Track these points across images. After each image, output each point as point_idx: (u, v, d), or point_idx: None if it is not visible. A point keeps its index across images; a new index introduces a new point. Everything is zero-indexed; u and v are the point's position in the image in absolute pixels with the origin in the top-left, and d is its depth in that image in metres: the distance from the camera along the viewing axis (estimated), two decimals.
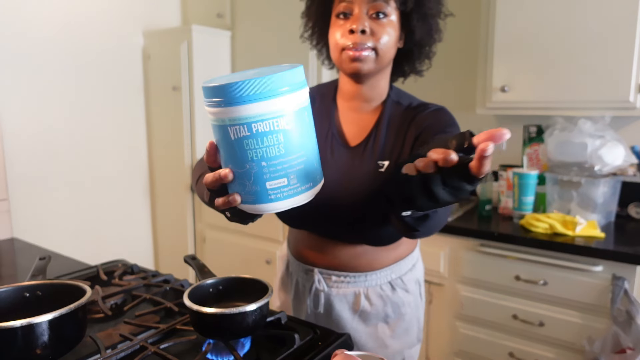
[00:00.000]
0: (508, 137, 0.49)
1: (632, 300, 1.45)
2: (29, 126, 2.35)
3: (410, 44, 0.92)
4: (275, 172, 0.56)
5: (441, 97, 2.40)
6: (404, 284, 1.00)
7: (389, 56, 0.89)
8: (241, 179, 0.58)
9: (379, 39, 0.85)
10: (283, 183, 0.57)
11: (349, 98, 0.96)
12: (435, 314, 1.93)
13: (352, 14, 0.85)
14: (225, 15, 2.78)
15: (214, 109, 0.56)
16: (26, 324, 0.64)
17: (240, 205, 0.61)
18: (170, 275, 1.14)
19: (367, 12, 0.85)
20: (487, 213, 1.94)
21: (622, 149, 1.71)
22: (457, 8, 2.31)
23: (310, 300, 1.01)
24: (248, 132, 0.54)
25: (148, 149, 2.92)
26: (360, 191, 0.88)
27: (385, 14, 0.85)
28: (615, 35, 1.67)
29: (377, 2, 0.84)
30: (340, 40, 0.86)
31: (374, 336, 0.99)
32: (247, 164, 0.56)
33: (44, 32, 2.36)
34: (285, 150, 0.56)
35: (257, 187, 0.57)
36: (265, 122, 0.54)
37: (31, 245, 1.60)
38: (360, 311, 0.99)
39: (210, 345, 0.77)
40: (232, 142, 0.56)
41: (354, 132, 0.95)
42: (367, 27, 0.84)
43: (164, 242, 2.97)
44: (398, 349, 1.00)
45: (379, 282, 0.98)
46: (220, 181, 0.60)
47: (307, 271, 1.01)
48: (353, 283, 0.97)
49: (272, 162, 0.56)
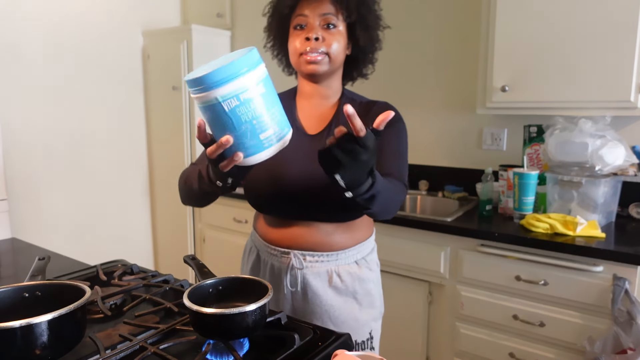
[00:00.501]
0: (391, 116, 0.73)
1: (633, 300, 1.45)
2: (28, 126, 2.34)
3: (356, 51, 1.11)
4: (264, 124, 0.74)
5: (441, 97, 2.40)
6: (367, 263, 1.16)
7: (339, 60, 1.07)
8: (240, 140, 0.73)
9: (330, 45, 1.03)
10: (271, 132, 0.75)
11: (308, 97, 1.13)
12: (435, 315, 1.92)
13: (307, 25, 1.03)
14: (225, 15, 2.78)
15: (204, 93, 0.70)
16: (25, 325, 0.64)
17: (243, 161, 0.76)
18: (170, 275, 1.13)
19: (319, 23, 1.03)
20: (487, 213, 1.94)
21: (622, 149, 1.71)
22: (458, 8, 2.32)
23: (287, 280, 1.11)
24: (237, 101, 0.70)
25: (148, 149, 2.92)
26: (320, 172, 0.96)
27: (335, 25, 1.03)
28: (615, 35, 1.67)
29: (327, 15, 1.02)
30: (298, 46, 1.04)
31: (346, 310, 1.12)
32: (243, 125, 0.72)
33: (44, 32, 2.36)
34: (265, 107, 0.73)
35: (254, 141, 0.74)
36: (249, 91, 0.70)
37: (30, 246, 1.59)
38: (333, 287, 1.12)
39: (210, 345, 0.77)
40: (227, 113, 0.71)
41: (314, 124, 1.12)
42: (320, 35, 1.02)
43: (164, 242, 2.97)
44: (366, 321, 1.15)
45: (347, 261, 1.12)
46: (222, 147, 0.74)
47: (283, 254, 1.11)
48: (326, 262, 1.11)
49: (260, 119, 0.73)
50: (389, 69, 2.56)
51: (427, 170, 2.49)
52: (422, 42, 2.44)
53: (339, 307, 1.12)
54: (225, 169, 0.79)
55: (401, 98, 2.54)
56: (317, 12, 1.02)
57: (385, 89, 2.59)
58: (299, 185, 1.05)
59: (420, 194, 2.41)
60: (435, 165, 2.47)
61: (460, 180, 2.37)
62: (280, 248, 1.12)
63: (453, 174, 2.40)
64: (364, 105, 1.13)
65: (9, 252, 1.54)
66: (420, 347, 1.97)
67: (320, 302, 1.11)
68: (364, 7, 1.06)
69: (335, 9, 1.03)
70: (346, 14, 1.04)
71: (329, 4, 1.02)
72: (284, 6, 1.06)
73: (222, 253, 2.64)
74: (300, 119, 1.12)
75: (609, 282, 1.52)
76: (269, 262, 1.16)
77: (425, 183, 2.45)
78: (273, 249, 1.14)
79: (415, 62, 2.47)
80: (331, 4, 1.02)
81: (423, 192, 2.43)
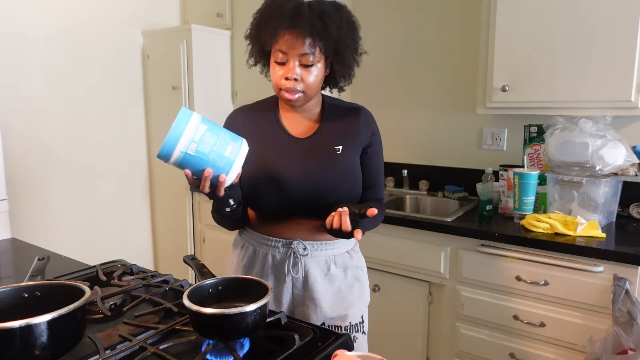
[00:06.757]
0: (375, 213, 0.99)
1: (634, 300, 1.45)
2: (28, 126, 2.34)
3: (333, 73, 1.16)
4: (222, 145, 0.93)
5: (441, 97, 2.40)
6: (356, 253, 1.28)
7: (316, 90, 1.13)
8: (215, 166, 0.93)
9: (307, 81, 1.08)
10: (230, 147, 0.94)
11: (292, 109, 1.20)
12: (435, 315, 1.92)
13: (286, 63, 1.08)
14: (224, 14, 2.77)
15: (173, 155, 0.90)
16: (25, 325, 0.63)
17: (227, 178, 0.94)
18: (170, 275, 1.13)
19: (298, 62, 1.07)
20: (487, 213, 1.94)
21: (623, 148, 1.70)
22: (458, 8, 2.31)
23: (290, 267, 1.18)
24: (195, 143, 0.91)
25: (147, 149, 2.91)
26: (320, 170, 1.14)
27: (312, 63, 1.07)
28: (616, 35, 1.67)
29: (305, 55, 1.06)
30: (278, 82, 1.10)
31: (341, 295, 1.21)
32: (210, 154, 0.92)
33: (44, 32, 2.36)
34: (215, 135, 0.93)
35: (224, 160, 0.93)
36: (196, 132, 0.90)
37: (30, 246, 1.59)
38: (330, 274, 1.20)
39: (209, 345, 0.77)
40: (194, 155, 0.91)
41: (301, 130, 1.19)
42: (298, 76, 1.07)
43: (164, 242, 2.97)
44: (358, 306, 1.24)
45: (341, 250, 1.23)
46: (207, 179, 0.93)
47: (284, 245, 1.18)
48: (324, 250, 1.20)
49: (217, 144, 0.93)
50: (389, 69, 2.56)
51: (427, 170, 2.49)
52: (423, 42, 2.44)
53: (336, 292, 1.21)
54: (220, 193, 0.97)
55: (401, 98, 2.54)
56: (295, 52, 1.06)
57: (385, 89, 2.59)
58: (292, 182, 1.13)
59: (421, 194, 2.40)
60: (435, 165, 2.47)
61: (460, 180, 2.37)
62: (282, 239, 1.19)
63: (453, 174, 2.40)
64: (347, 110, 1.22)
65: (9, 252, 1.54)
66: (420, 347, 1.97)
67: (319, 289, 1.19)
68: (341, 44, 1.10)
69: (312, 47, 1.06)
70: (324, 49, 1.08)
71: (308, 42, 1.05)
72: (264, 42, 1.10)
73: (222, 253, 2.64)
74: (285, 124, 1.20)
75: (610, 282, 1.51)
76: (269, 254, 1.21)
77: (425, 183, 2.45)
78: (274, 241, 1.20)
79: (415, 62, 2.47)
80: (310, 43, 1.05)
81: (423, 192, 2.43)
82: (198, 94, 2.64)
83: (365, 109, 1.25)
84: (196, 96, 2.63)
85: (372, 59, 2.60)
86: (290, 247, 1.18)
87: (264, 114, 1.23)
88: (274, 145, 1.17)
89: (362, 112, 1.23)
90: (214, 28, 2.74)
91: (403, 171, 2.50)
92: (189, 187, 2.73)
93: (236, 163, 0.95)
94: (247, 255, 1.24)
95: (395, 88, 2.56)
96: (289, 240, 1.18)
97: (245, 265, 1.25)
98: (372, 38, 2.58)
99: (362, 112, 1.23)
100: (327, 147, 1.16)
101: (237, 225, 1.25)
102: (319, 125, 1.19)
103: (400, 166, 2.54)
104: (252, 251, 1.24)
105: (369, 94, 2.64)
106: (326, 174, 1.14)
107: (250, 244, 1.24)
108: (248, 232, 1.26)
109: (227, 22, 2.77)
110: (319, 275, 1.19)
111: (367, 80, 2.64)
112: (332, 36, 1.06)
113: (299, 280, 1.19)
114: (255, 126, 1.19)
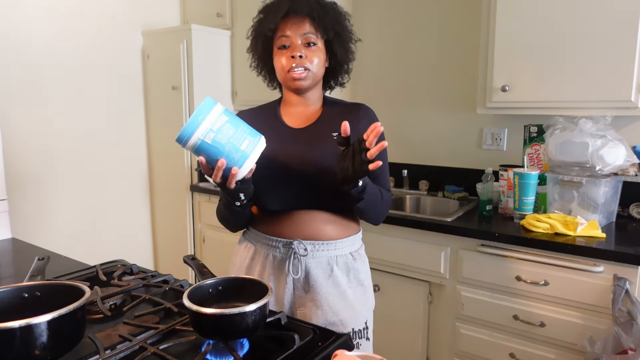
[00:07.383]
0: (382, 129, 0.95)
1: (634, 301, 1.45)
2: (28, 126, 2.34)
3: (334, 63, 1.25)
4: (239, 139, 0.95)
5: (441, 97, 2.40)
6: (360, 256, 1.27)
7: (320, 73, 1.21)
8: (229, 157, 0.95)
9: (312, 61, 1.17)
10: (247, 142, 0.96)
11: (294, 105, 1.26)
12: (435, 315, 1.92)
13: (291, 45, 1.17)
14: (224, 14, 2.77)
15: (191, 140, 0.93)
16: (25, 325, 0.63)
17: (239, 171, 0.96)
18: (170, 275, 1.13)
19: (301, 42, 1.16)
20: (487, 213, 1.94)
21: (623, 148, 1.70)
22: (458, 8, 2.31)
23: (290, 267, 1.18)
24: (213, 133, 0.93)
25: (147, 149, 2.91)
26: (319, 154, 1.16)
27: (314, 42, 1.17)
28: (616, 35, 1.67)
29: (307, 35, 1.16)
30: (285, 64, 1.17)
31: (344, 299, 1.20)
32: (226, 146, 0.94)
33: (44, 32, 2.36)
34: (234, 128, 0.95)
35: (239, 153, 0.95)
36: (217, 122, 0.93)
37: (30, 246, 1.59)
38: (333, 276, 1.19)
39: (209, 345, 0.77)
40: (211, 144, 0.93)
41: (300, 122, 1.23)
42: (303, 53, 1.16)
43: (164, 242, 2.97)
44: (362, 311, 1.24)
45: (344, 251, 1.22)
46: (220, 169, 0.96)
47: (285, 245, 1.19)
48: (326, 251, 1.19)
49: (235, 136, 0.95)
50: (389, 69, 2.56)
51: (427, 170, 2.49)
52: (423, 42, 2.44)
53: (338, 295, 1.20)
54: (231, 185, 1.00)
55: (402, 98, 2.54)
56: (298, 33, 1.16)
57: (385, 89, 2.59)
58: (292, 170, 1.16)
59: (421, 194, 2.40)
60: (435, 165, 2.47)
61: (460, 180, 2.37)
62: (283, 239, 1.19)
63: (453, 174, 2.40)
64: (348, 107, 1.27)
65: (9, 252, 1.54)
66: (420, 347, 1.97)
67: (320, 291, 1.18)
68: (338, 24, 1.20)
69: (314, 29, 1.17)
70: (323, 32, 1.18)
71: (308, 24, 1.16)
72: (267, 29, 1.18)
73: (222, 253, 2.64)
74: (284, 119, 1.25)
75: (610, 282, 1.51)
76: (269, 254, 1.21)
77: (425, 183, 2.45)
78: (275, 241, 1.20)
79: (415, 62, 2.47)
80: (310, 24, 1.16)
81: (423, 192, 2.43)
82: (198, 94, 2.64)
83: (366, 106, 1.28)
84: (196, 96, 2.63)
85: (373, 58, 2.60)
86: (290, 247, 1.18)
87: (265, 112, 1.29)
88: (272, 135, 1.17)
89: (363, 106, 1.27)
90: (214, 28, 2.74)
91: (403, 171, 2.50)
92: (189, 187, 2.73)
93: (251, 158, 0.97)
94: (249, 255, 1.25)
95: (395, 88, 2.56)
96: (289, 240, 1.19)
97: (247, 266, 1.25)
98: (373, 38, 2.58)
99: (363, 106, 1.27)
100: (325, 133, 1.19)
101: (242, 225, 1.27)
102: (318, 117, 1.24)
103: (400, 166, 2.54)
104: (254, 251, 1.25)
105: (369, 94, 2.64)
106: (324, 155, 1.15)
107: (252, 243, 1.26)
108: (251, 231, 1.27)
109: (227, 22, 2.77)
110: (321, 276, 1.19)
111: (367, 81, 2.64)
112: (329, 16, 1.18)
113: (299, 281, 1.19)
114: (255, 120, 1.20)
